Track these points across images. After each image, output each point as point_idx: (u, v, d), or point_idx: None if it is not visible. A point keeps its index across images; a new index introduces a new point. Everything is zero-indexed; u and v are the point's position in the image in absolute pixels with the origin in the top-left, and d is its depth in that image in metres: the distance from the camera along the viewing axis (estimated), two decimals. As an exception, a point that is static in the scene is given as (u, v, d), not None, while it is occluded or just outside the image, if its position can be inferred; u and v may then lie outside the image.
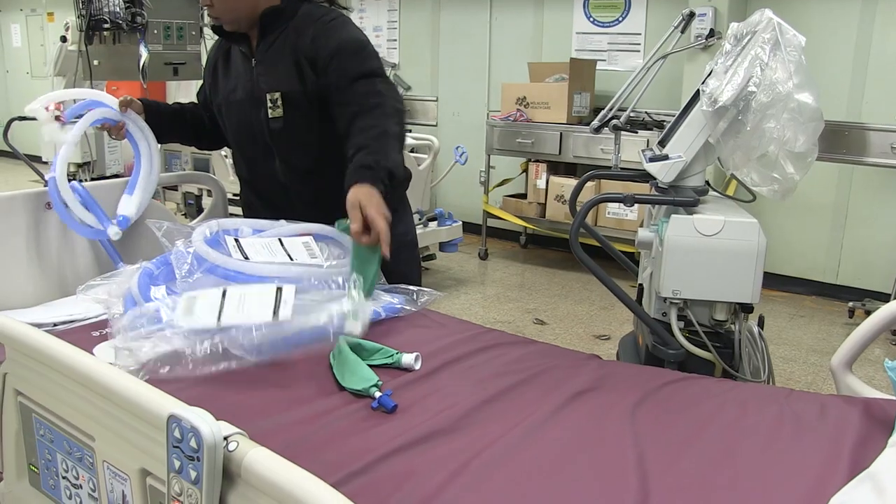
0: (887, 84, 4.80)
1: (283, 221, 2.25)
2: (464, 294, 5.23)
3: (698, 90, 2.26)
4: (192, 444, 0.93)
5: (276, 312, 1.62)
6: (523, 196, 6.05)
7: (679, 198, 2.24)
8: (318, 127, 2.18)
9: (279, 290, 1.71)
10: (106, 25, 3.87)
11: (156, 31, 4.06)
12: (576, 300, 5.06)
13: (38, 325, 1.66)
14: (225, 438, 0.96)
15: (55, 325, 1.92)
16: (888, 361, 1.50)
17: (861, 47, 5.07)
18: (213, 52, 2.40)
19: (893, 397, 1.55)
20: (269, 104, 2.16)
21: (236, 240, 2.08)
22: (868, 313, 3.77)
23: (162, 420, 0.97)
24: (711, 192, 2.45)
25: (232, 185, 5.25)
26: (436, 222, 5.23)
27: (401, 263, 2.44)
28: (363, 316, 1.69)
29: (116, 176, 5.19)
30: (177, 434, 0.94)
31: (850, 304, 4.88)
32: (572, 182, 5.57)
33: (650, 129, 5.22)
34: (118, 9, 3.83)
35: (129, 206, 2.39)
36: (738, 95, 2.11)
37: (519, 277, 5.70)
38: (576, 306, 4.96)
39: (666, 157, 2.25)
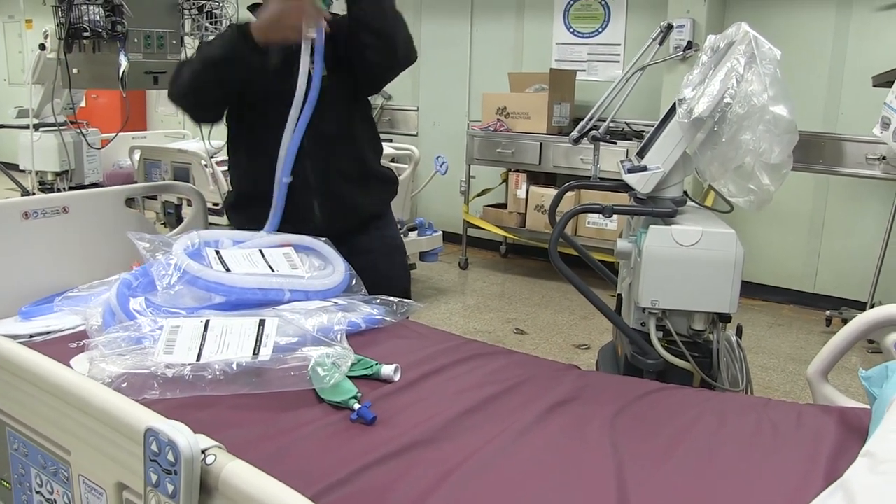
0: (862, 96, 4.85)
1: (263, 232, 2.26)
2: (444, 304, 5.23)
3: (676, 102, 2.28)
4: (170, 457, 0.93)
5: (256, 350, 1.62)
6: (503, 206, 6.06)
7: (657, 208, 2.26)
8: (349, 93, 2.30)
9: (262, 323, 1.71)
10: (86, 34, 3.84)
11: (136, 40, 4.04)
12: (556, 310, 5.08)
13: (14, 337, 1.66)
14: (203, 451, 0.96)
15: (31, 336, 1.91)
16: (862, 371, 1.51)
17: (836, 59, 5.13)
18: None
19: (868, 406, 1.56)
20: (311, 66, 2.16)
21: (217, 251, 2.08)
22: (845, 321, 3.81)
23: (139, 433, 0.97)
24: (689, 203, 2.47)
25: (212, 195, 5.25)
26: (416, 232, 5.23)
27: (395, 268, 2.48)
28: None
29: (95, 185, 5.16)
30: (154, 447, 0.94)
31: (828, 312, 4.92)
32: (552, 192, 5.58)
33: (630, 140, 5.25)
34: (98, 17, 3.81)
35: None
36: (715, 107, 2.13)
37: (499, 287, 5.71)
38: (556, 316, 4.97)
39: (644, 168, 2.26)
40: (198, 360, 1.60)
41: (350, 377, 1.64)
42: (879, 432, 1.04)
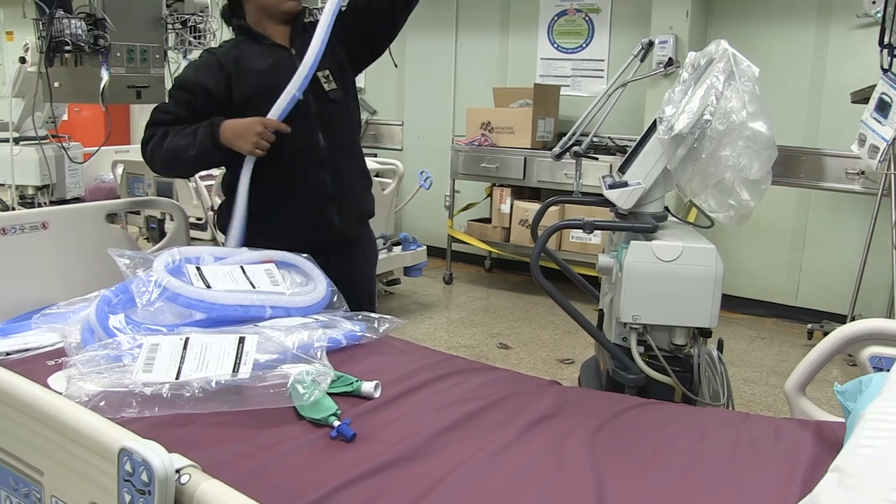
0: (841, 111, 4.90)
1: (244, 248, 2.25)
2: (428, 318, 5.22)
3: (656, 118, 2.30)
4: (144, 477, 0.93)
5: (236, 368, 1.62)
6: (488, 220, 6.07)
7: (638, 224, 2.27)
8: (354, 103, 2.51)
9: (242, 341, 1.71)
10: (67, 47, 3.82)
11: (119, 54, 4.02)
12: (540, 324, 5.08)
13: (-9, 355, 1.64)
14: (177, 471, 0.96)
15: (8, 354, 1.89)
16: (837, 385, 1.52)
17: (816, 76, 5.19)
18: (214, 61, 2.34)
19: (843, 420, 1.58)
20: (323, 80, 2.35)
21: (198, 268, 2.07)
22: (826, 335, 3.83)
23: (113, 453, 0.96)
24: (671, 218, 2.48)
25: (195, 209, 5.23)
26: (400, 247, 5.22)
27: (373, 265, 2.66)
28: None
29: (77, 199, 5.13)
30: (128, 467, 0.94)
31: (809, 325, 4.95)
32: (536, 206, 5.58)
33: (613, 155, 5.29)
34: (80, 31, 3.79)
35: None
36: (694, 124, 2.15)
37: (483, 302, 5.71)
38: (540, 330, 4.98)
39: (625, 184, 2.27)
40: (177, 378, 1.60)
41: (330, 394, 1.63)
42: (848, 447, 1.05)
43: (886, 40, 2.23)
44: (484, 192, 6.23)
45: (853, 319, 4.33)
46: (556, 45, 6.23)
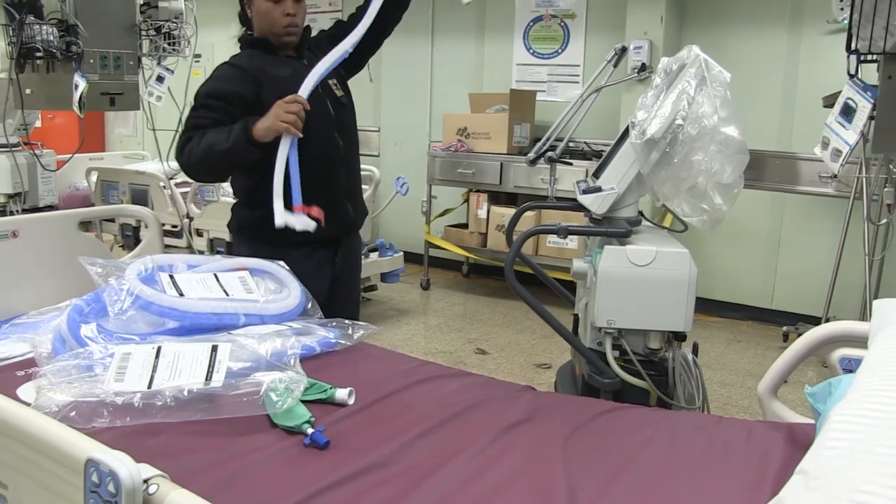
0: (814, 116, 4.94)
1: (218, 256, 2.24)
2: (405, 324, 5.22)
3: (629, 124, 2.31)
4: (111, 487, 0.92)
5: (209, 376, 1.61)
6: (465, 226, 6.07)
7: (611, 229, 2.28)
8: (354, 108, 2.65)
9: (214, 349, 1.70)
10: (39, 54, 3.78)
11: (92, 61, 3.99)
12: (517, 329, 5.09)
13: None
14: (145, 481, 0.95)
15: (-23, 364, 1.87)
16: (808, 387, 1.53)
17: (789, 80, 5.25)
18: (238, 71, 2.40)
19: (815, 422, 1.59)
20: (334, 87, 2.52)
21: (171, 276, 2.06)
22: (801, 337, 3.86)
23: (80, 464, 0.95)
24: (645, 223, 2.49)
25: (171, 217, 5.20)
26: (377, 253, 5.22)
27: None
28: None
29: (51, 207, 5.08)
30: (94, 478, 0.93)
31: (785, 328, 4.99)
32: (513, 212, 5.60)
33: (589, 159, 5.30)
34: (51, 37, 3.75)
35: None
36: (667, 129, 2.16)
37: (461, 307, 5.71)
38: (517, 335, 4.98)
39: (599, 189, 2.28)
40: (149, 387, 1.59)
41: (304, 401, 1.63)
42: (813, 449, 1.06)
43: (853, 46, 2.25)
44: (461, 198, 6.24)
45: (828, 321, 4.37)
46: (531, 51, 6.26)
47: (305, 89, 2.27)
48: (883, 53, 2.20)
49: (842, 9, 2.27)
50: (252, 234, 2.46)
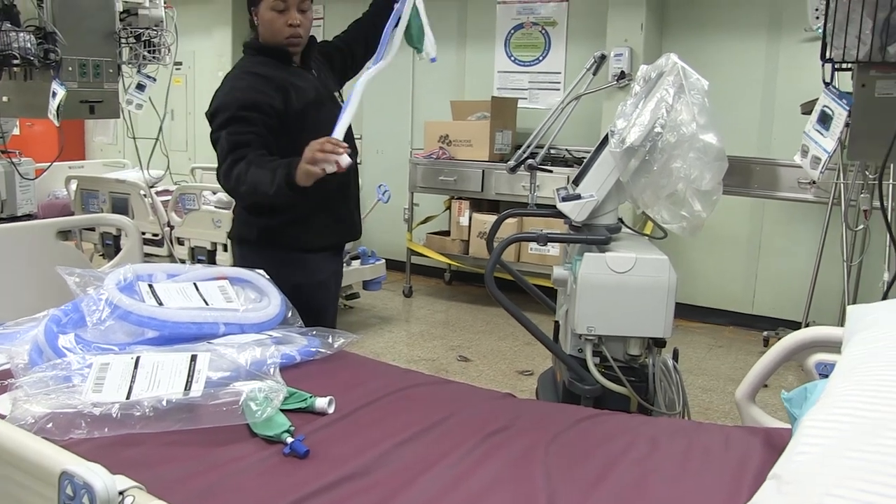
0: (792, 122, 4.98)
1: (198, 266, 2.24)
2: (388, 332, 5.21)
3: (608, 131, 2.32)
4: (85, 500, 0.91)
5: (188, 386, 1.60)
6: (447, 233, 6.07)
7: (591, 236, 2.29)
8: None
9: (194, 359, 1.69)
10: (16, 61, 3.76)
11: (70, 68, 3.97)
12: (500, 336, 5.10)
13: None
14: (121, 493, 0.94)
15: (-47, 376, 1.85)
16: (784, 392, 1.55)
17: (768, 87, 5.29)
18: (262, 80, 2.37)
19: (791, 426, 1.60)
20: (338, 100, 2.55)
21: (150, 285, 2.05)
22: (780, 343, 3.89)
23: (54, 476, 0.94)
24: (624, 230, 2.50)
25: (151, 225, 5.17)
26: (359, 261, 5.21)
27: None
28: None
29: (29, 216, 5.05)
30: (69, 491, 0.92)
31: (765, 333, 5.02)
32: (495, 219, 5.62)
33: (571, 166, 5.32)
34: (29, 44, 3.73)
35: None
36: (646, 136, 2.17)
37: (443, 314, 5.71)
38: (500, 342, 4.99)
39: (578, 197, 2.29)
40: (128, 397, 1.58)
41: (284, 411, 1.63)
42: (786, 454, 1.07)
43: (828, 55, 2.28)
44: (443, 205, 6.24)
45: (808, 326, 4.40)
46: (513, 58, 6.28)
47: (340, 131, 2.21)
48: (856, 62, 2.22)
49: (817, 17, 2.30)
50: (269, 242, 2.44)
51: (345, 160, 2.10)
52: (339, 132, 2.19)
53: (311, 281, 2.48)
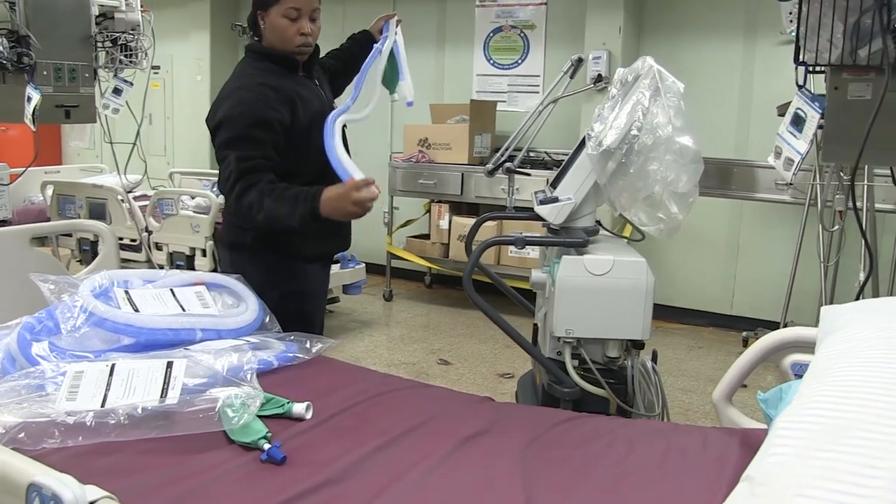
0: (769, 124, 5.02)
1: (175, 271, 2.22)
2: (368, 336, 5.20)
3: (585, 134, 2.33)
4: (55, 512, 0.90)
5: (163, 393, 1.59)
6: (427, 237, 6.08)
7: (569, 239, 2.29)
8: None
9: (170, 365, 1.68)
10: (-12, 64, 3.72)
11: (45, 73, 3.94)
12: (480, 339, 5.10)
13: None
14: (91, 503, 0.93)
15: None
16: (760, 394, 1.56)
17: (744, 90, 5.33)
18: (272, 93, 2.33)
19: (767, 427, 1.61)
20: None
21: (126, 291, 2.03)
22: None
23: (21, 488, 0.93)
24: (602, 232, 2.51)
25: (129, 231, 5.13)
26: (338, 265, 5.19)
27: None
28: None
29: (4, 222, 4.99)
30: (37, 503, 0.91)
31: (744, 333, 5.05)
32: (475, 222, 5.62)
33: (550, 169, 5.33)
34: (2, 48, 3.69)
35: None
36: (622, 139, 2.18)
37: (424, 318, 5.71)
38: (480, 345, 4.99)
39: (556, 200, 2.30)
40: (103, 405, 1.56)
41: (261, 417, 1.62)
42: (759, 456, 1.07)
43: (801, 58, 2.30)
44: (422, 209, 6.24)
45: (786, 326, 4.44)
46: (492, 62, 6.29)
47: (355, 170, 2.24)
48: (829, 65, 2.24)
49: (791, 21, 2.32)
50: (264, 248, 2.42)
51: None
52: (355, 172, 2.21)
53: (303, 289, 2.49)
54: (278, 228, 2.28)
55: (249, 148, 2.25)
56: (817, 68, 2.31)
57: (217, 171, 2.38)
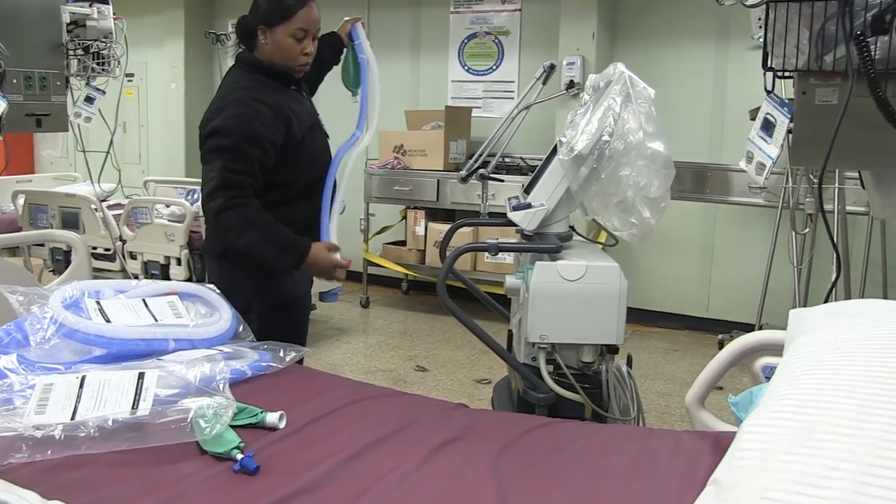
0: (742, 128, 5.07)
1: (148, 281, 2.21)
2: (345, 343, 5.19)
3: (557, 140, 2.34)
4: (17, 529, 0.89)
5: (135, 405, 1.58)
6: (403, 243, 6.07)
7: (542, 245, 2.30)
8: None
9: (141, 376, 1.66)
10: (-45, 72, 3.68)
11: (15, 81, 3.90)
12: (457, 345, 5.10)
13: None
14: (57, 518, 0.92)
15: None
16: (731, 397, 1.57)
17: (718, 95, 5.38)
18: (268, 110, 2.34)
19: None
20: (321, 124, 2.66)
21: (98, 302, 2.01)
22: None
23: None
24: (576, 238, 2.52)
25: (103, 240, 5.09)
26: (316, 272, 5.17)
27: None
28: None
29: (-24, 233, 4.93)
30: (0, 519, 0.90)
31: (720, 336, 5.09)
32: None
33: (525, 175, 5.33)
34: (-32, 55, 3.65)
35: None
36: (594, 145, 2.19)
37: (401, 325, 5.70)
38: (457, 351, 4.99)
39: (529, 206, 2.31)
40: (73, 418, 1.55)
41: (234, 426, 1.61)
42: (725, 460, 1.08)
43: (769, 63, 2.32)
44: (398, 215, 6.24)
45: (761, 328, 4.48)
46: (466, 68, 6.31)
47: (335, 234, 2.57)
48: (796, 71, 2.27)
49: (760, 27, 2.35)
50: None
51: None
52: (334, 236, 2.54)
53: (293, 294, 2.53)
54: (253, 260, 2.34)
55: (237, 160, 2.26)
56: (785, 73, 2.34)
57: (191, 180, 2.40)
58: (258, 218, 2.28)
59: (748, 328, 4.96)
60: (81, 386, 1.64)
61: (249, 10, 2.43)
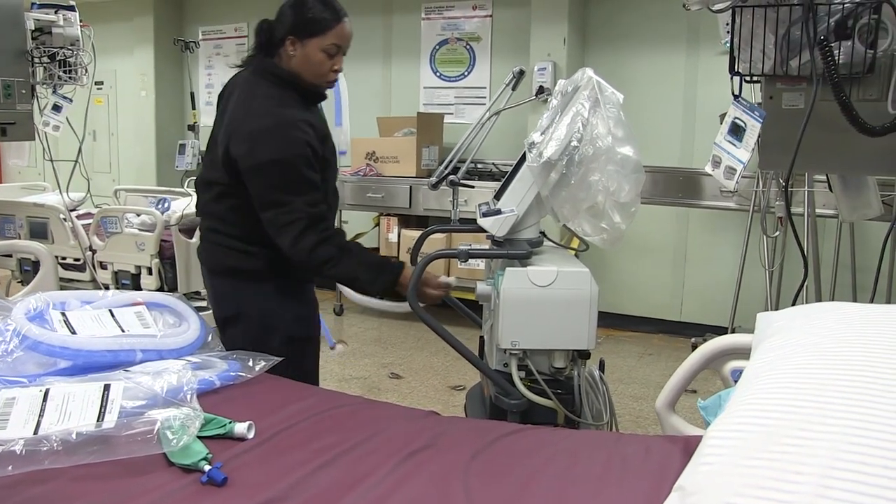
0: (713, 133, 5.09)
1: (115, 291, 2.19)
2: (320, 351, 5.15)
3: (526, 147, 2.34)
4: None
5: (100, 417, 1.56)
6: (376, 250, 6.05)
7: (512, 251, 2.30)
8: None
9: (107, 388, 1.64)
10: (-85, 80, 3.62)
11: (-22, 88, 3.85)
12: (431, 352, 5.09)
13: None
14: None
15: None
16: (700, 401, 1.57)
17: (688, 99, 5.43)
18: (313, 131, 2.29)
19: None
20: None
21: (63, 313, 1.99)
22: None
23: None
24: (547, 243, 2.52)
25: (72, 250, 5.02)
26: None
27: None
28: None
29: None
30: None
31: (693, 339, 5.12)
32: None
33: (498, 180, 5.34)
34: (-69, 63, 3.60)
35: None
36: (563, 150, 2.19)
37: (375, 332, 5.68)
38: (431, 358, 4.98)
39: (499, 212, 2.30)
40: (35, 432, 1.52)
41: (202, 438, 1.59)
42: (690, 465, 1.08)
43: (736, 68, 2.34)
44: (371, 222, 6.22)
45: (734, 331, 4.51)
46: (438, 74, 6.32)
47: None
48: (762, 75, 2.29)
49: (727, 32, 2.37)
50: (277, 273, 2.37)
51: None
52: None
53: (310, 310, 2.55)
54: (350, 287, 2.45)
55: (312, 191, 2.25)
56: (753, 78, 2.36)
57: (162, 189, 2.37)
58: (350, 245, 2.32)
59: (721, 331, 4.99)
60: (45, 399, 1.61)
61: (276, 16, 2.34)
